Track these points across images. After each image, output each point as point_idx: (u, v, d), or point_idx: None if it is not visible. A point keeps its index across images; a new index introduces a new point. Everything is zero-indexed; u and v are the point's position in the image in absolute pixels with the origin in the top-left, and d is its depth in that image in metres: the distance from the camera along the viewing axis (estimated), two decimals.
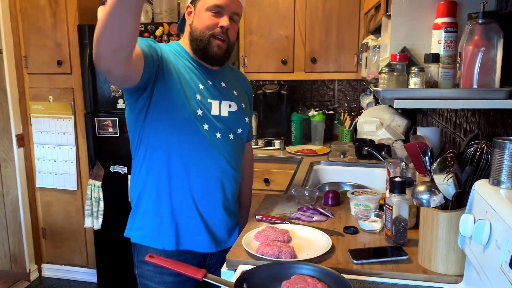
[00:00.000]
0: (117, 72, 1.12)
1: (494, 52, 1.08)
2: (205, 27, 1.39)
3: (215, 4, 1.38)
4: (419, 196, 1.08)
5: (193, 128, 1.39)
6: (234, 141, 1.51)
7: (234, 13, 1.42)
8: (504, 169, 0.92)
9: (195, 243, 1.45)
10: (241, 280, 1.04)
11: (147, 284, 1.48)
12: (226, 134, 1.48)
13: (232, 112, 1.50)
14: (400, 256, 1.21)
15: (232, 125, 1.50)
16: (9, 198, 3.11)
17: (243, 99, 1.58)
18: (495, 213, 0.86)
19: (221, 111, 1.47)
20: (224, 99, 1.49)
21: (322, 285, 1.03)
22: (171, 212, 1.42)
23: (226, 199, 1.50)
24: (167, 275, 1.44)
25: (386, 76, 1.16)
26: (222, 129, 1.46)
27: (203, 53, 1.42)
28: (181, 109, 1.37)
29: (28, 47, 2.98)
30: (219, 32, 1.40)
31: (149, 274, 1.46)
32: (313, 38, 2.88)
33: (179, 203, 1.42)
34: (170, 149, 1.39)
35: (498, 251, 0.82)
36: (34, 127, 3.09)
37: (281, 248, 1.21)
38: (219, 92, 1.48)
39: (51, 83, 3.01)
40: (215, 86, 1.48)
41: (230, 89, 1.53)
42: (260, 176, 2.75)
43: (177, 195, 1.42)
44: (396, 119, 2.60)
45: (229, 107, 1.49)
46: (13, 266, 3.19)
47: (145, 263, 1.45)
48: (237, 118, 1.52)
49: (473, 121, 1.43)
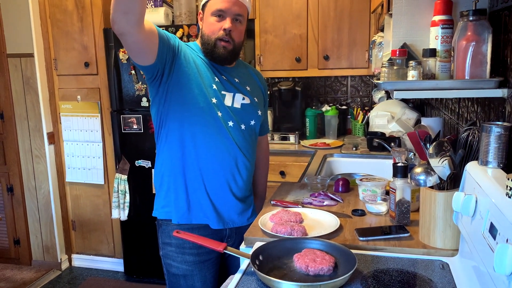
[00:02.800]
0: (130, 37, 1.30)
1: (485, 46, 1.19)
2: (211, 32, 1.54)
3: (217, 9, 1.52)
4: (416, 177, 1.20)
5: (208, 113, 1.52)
6: (246, 132, 1.62)
7: (237, 15, 1.54)
8: (491, 150, 1.03)
9: (204, 218, 1.58)
10: (257, 252, 1.17)
11: (170, 264, 1.61)
12: (238, 124, 1.59)
13: (245, 105, 1.62)
14: (402, 233, 1.32)
15: (244, 116, 1.62)
16: (41, 192, 3.32)
17: (256, 94, 1.70)
18: (480, 188, 0.98)
19: (234, 102, 1.59)
20: (237, 92, 1.61)
21: (330, 257, 1.15)
22: (185, 189, 1.57)
23: (237, 185, 1.62)
24: (188, 255, 1.58)
25: (387, 70, 1.28)
26: (234, 119, 1.58)
27: (211, 55, 1.57)
28: (199, 94, 1.51)
29: (57, 50, 3.18)
30: (223, 35, 1.52)
31: (171, 254, 1.60)
32: (325, 36, 3.00)
33: (190, 181, 1.56)
34: (184, 130, 1.53)
35: (481, 220, 0.94)
36: (64, 125, 3.29)
37: (294, 227, 1.34)
38: (233, 86, 1.61)
39: (79, 83, 3.20)
40: (229, 81, 1.61)
41: (243, 84, 1.65)
42: (276, 168, 2.89)
43: (189, 173, 1.56)
44: (406, 112, 2.70)
45: (242, 99, 1.61)
46: (46, 256, 3.40)
47: (168, 244, 1.60)
48: (249, 110, 1.63)
49: (472, 110, 1.54)
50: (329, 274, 1.10)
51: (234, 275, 1.18)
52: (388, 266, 1.17)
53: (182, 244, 1.57)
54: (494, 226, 0.86)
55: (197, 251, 1.57)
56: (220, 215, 1.60)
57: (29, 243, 3.42)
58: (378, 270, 1.15)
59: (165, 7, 3.01)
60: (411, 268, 1.16)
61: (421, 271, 1.14)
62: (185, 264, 1.59)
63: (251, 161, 1.67)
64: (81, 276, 3.32)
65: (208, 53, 1.56)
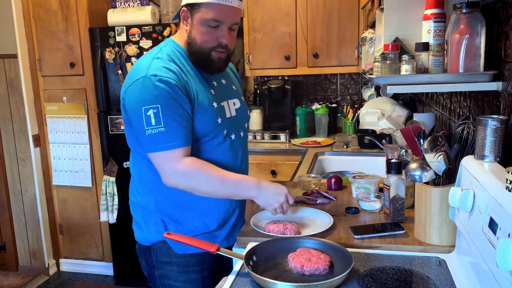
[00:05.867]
0: None
1: (478, 39, 1.18)
2: (204, 42, 1.35)
3: (214, 19, 1.32)
4: (411, 172, 1.18)
5: (216, 138, 1.41)
6: (244, 139, 1.54)
7: (234, 24, 1.37)
8: (487, 144, 1.02)
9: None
10: (251, 253, 1.14)
11: (171, 284, 1.46)
12: (238, 133, 1.50)
13: (238, 109, 1.51)
14: (398, 230, 1.30)
15: (240, 122, 1.53)
16: (28, 196, 3.25)
17: (238, 89, 1.58)
18: (478, 183, 0.96)
19: (231, 111, 1.48)
20: (229, 98, 1.49)
21: (325, 256, 1.13)
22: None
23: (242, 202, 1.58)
24: (193, 273, 1.45)
25: (380, 64, 1.26)
26: (235, 129, 1.47)
27: (202, 65, 1.40)
28: (207, 126, 1.38)
29: (41, 51, 3.11)
30: (218, 45, 1.36)
31: (172, 274, 1.45)
32: (314, 34, 2.98)
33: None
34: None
35: (480, 215, 0.92)
36: (49, 127, 3.22)
37: (286, 226, 1.31)
38: (224, 92, 1.48)
39: (64, 84, 3.13)
40: (219, 87, 1.47)
41: (229, 85, 1.54)
42: (267, 168, 2.86)
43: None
44: (397, 109, 2.69)
45: (233, 105, 1.50)
46: (33, 261, 3.33)
47: (168, 263, 1.45)
48: (242, 114, 1.54)
49: (465, 105, 1.52)
50: (325, 273, 1.08)
51: (228, 277, 1.14)
52: (384, 264, 1.15)
53: (185, 262, 1.44)
54: (494, 221, 0.84)
55: (200, 267, 1.46)
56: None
57: (15, 248, 3.34)
58: (374, 268, 1.13)
59: (152, 6, 2.96)
60: (408, 265, 1.14)
61: (418, 269, 1.12)
62: (190, 283, 1.46)
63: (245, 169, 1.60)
64: (69, 281, 3.26)
65: (200, 64, 1.39)
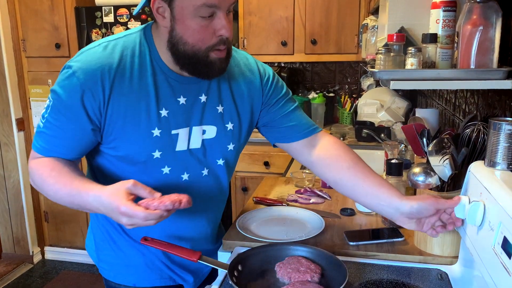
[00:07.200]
0: None
1: (493, 32, 1.06)
2: (199, 40, 0.98)
3: (206, 3, 0.94)
4: (414, 177, 1.07)
5: (148, 175, 1.08)
6: (209, 178, 1.16)
7: (231, 4, 1.00)
8: (500, 150, 0.91)
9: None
10: (236, 262, 1.04)
11: None
12: (197, 171, 1.13)
13: (208, 141, 1.12)
14: (396, 238, 1.21)
15: (207, 157, 1.14)
16: (11, 182, 3.13)
17: (234, 113, 1.15)
18: (489, 194, 0.86)
19: (191, 142, 1.10)
20: (195, 124, 1.09)
21: (316, 266, 1.03)
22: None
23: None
24: None
25: (383, 57, 1.14)
26: (191, 167, 1.12)
27: (193, 70, 1.03)
28: (131, 155, 1.06)
29: (25, 31, 2.96)
30: (218, 42, 1.00)
31: None
32: (313, 19, 2.84)
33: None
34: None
35: (491, 232, 0.82)
36: (34, 111, 3.09)
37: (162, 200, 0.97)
38: (191, 114, 1.09)
39: (50, 66, 3.00)
40: (187, 106, 1.08)
41: (212, 105, 1.11)
42: (260, 159, 2.76)
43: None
44: (396, 101, 2.58)
45: (202, 133, 1.11)
46: (17, 248, 3.23)
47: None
48: (215, 147, 1.14)
49: (472, 102, 1.42)
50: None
51: (211, 286, 1.05)
52: (381, 276, 1.06)
53: None
54: (509, 242, 0.74)
55: None
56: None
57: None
58: (370, 281, 1.04)
59: None
60: (406, 278, 1.05)
61: (418, 282, 1.03)
62: None
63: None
64: (54, 269, 3.17)
65: (190, 66, 1.03)
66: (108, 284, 1.25)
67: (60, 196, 1.01)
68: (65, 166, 1.03)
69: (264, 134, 1.26)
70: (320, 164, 1.18)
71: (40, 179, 1.03)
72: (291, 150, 1.23)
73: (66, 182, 0.99)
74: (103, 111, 1.01)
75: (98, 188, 0.95)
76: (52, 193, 1.02)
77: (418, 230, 1.03)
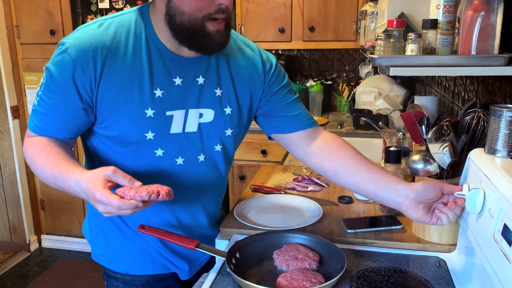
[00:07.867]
0: None
1: (494, 17, 1.04)
2: (196, 9, 0.95)
3: None
4: (413, 165, 1.07)
5: (141, 157, 1.07)
6: (206, 164, 1.14)
7: None
8: (500, 137, 0.90)
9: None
10: (234, 250, 1.04)
11: None
12: (193, 156, 1.11)
13: (205, 125, 1.10)
14: (394, 225, 1.21)
15: (204, 142, 1.11)
16: (7, 170, 3.12)
17: (233, 98, 1.12)
18: (489, 181, 0.85)
19: (186, 125, 1.07)
20: (192, 106, 1.07)
21: (314, 254, 1.03)
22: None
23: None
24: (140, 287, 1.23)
25: (383, 43, 1.13)
26: (186, 151, 1.10)
27: (192, 43, 1.00)
28: (123, 136, 1.05)
29: (19, 16, 2.92)
30: (216, 11, 0.97)
31: None
32: (311, 5, 2.80)
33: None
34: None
35: (491, 219, 0.82)
36: (29, 98, 3.06)
37: None
38: (188, 96, 1.06)
39: (44, 53, 2.96)
40: (184, 87, 1.05)
41: (210, 87, 1.08)
42: (257, 147, 2.74)
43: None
44: (394, 89, 2.57)
45: (199, 117, 1.08)
46: (13, 237, 3.23)
47: (113, 278, 1.24)
48: (212, 131, 1.11)
49: (471, 89, 1.41)
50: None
51: (208, 273, 1.04)
52: (379, 264, 1.05)
53: (132, 281, 1.22)
54: (509, 229, 0.73)
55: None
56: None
57: None
58: (368, 268, 1.03)
59: None
60: (405, 266, 1.05)
61: (416, 270, 1.03)
62: None
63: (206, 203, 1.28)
64: (51, 257, 3.17)
65: (188, 39, 0.99)
66: (105, 271, 1.26)
67: (46, 176, 0.99)
68: (55, 147, 1.01)
69: (261, 124, 1.24)
70: (320, 153, 1.16)
71: (30, 158, 1.02)
72: (289, 142, 1.21)
73: (53, 163, 0.97)
74: (94, 89, 0.99)
75: (79, 172, 0.93)
76: (40, 173, 1.01)
77: (424, 220, 0.99)
